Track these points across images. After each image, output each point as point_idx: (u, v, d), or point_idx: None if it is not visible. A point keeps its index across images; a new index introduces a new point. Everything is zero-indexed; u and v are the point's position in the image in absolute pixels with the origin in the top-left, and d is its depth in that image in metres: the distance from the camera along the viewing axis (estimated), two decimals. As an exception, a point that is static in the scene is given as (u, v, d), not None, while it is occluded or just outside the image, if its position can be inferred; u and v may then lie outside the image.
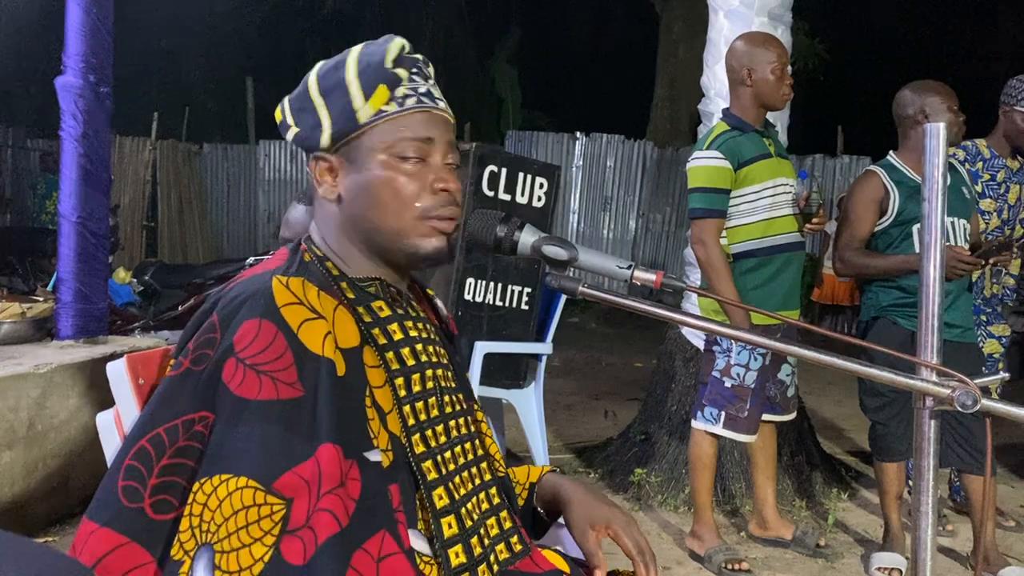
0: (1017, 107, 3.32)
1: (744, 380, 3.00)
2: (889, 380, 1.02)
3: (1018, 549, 3.37)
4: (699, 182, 2.97)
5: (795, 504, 3.72)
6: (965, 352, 3.04)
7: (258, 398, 0.98)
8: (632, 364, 7.25)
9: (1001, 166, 3.43)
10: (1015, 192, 3.45)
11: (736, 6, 3.82)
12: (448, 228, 1.15)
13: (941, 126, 1.04)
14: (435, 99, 1.17)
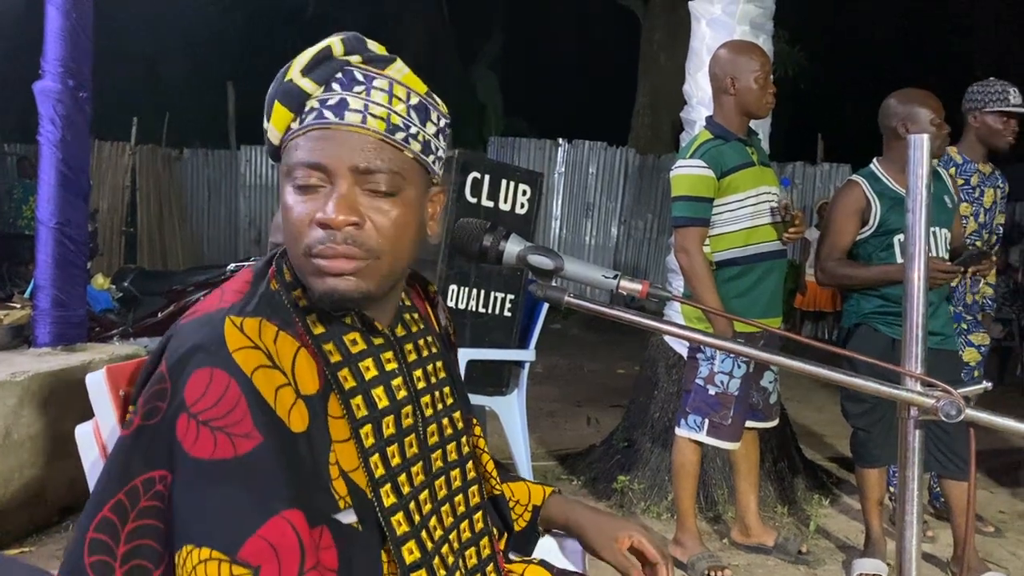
0: (986, 109, 3.44)
1: (728, 387, 3.00)
2: (874, 390, 1.03)
3: (997, 555, 3.40)
4: (682, 190, 2.97)
5: (777, 511, 3.73)
6: (945, 359, 3.07)
7: (213, 457, 0.91)
8: (615, 371, 7.26)
9: (974, 171, 3.50)
10: (990, 196, 3.52)
11: (718, 15, 3.84)
12: (336, 268, 0.98)
13: (925, 137, 1.05)
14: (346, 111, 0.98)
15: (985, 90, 3.49)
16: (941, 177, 3.17)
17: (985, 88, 3.50)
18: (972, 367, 3.58)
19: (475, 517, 1.18)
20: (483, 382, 3.70)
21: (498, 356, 3.73)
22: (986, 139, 3.48)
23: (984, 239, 3.54)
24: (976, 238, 3.51)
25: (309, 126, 0.98)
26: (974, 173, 3.50)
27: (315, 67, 1.00)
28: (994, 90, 3.48)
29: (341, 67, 1.00)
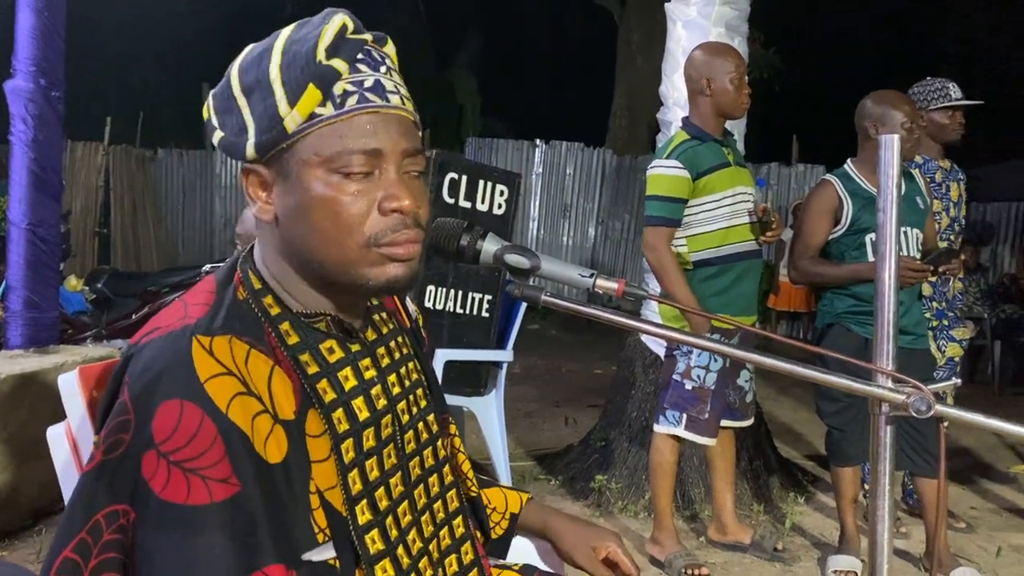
0: (932, 107, 3.56)
1: (704, 382, 3.03)
2: (846, 387, 1.04)
3: (969, 550, 3.44)
4: (656, 190, 3.00)
5: (753, 509, 3.76)
6: (919, 358, 3.11)
7: (188, 503, 0.84)
8: (593, 371, 7.28)
9: (936, 168, 3.58)
10: (955, 190, 3.62)
11: (694, 17, 3.87)
12: (406, 254, 0.96)
13: (895, 138, 1.06)
14: (387, 93, 0.95)
15: (926, 89, 3.61)
16: (914, 178, 3.22)
17: (926, 87, 3.62)
18: (955, 362, 3.64)
19: (455, 523, 1.15)
20: (461, 383, 3.70)
21: (476, 357, 3.73)
22: (937, 135, 3.58)
23: (956, 233, 3.61)
24: (950, 233, 3.58)
25: (355, 110, 0.93)
26: (937, 170, 3.58)
27: (339, 47, 0.94)
28: (935, 88, 3.60)
29: (360, 46, 0.95)
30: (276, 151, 0.94)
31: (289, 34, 0.97)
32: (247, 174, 0.98)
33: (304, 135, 0.93)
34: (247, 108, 0.95)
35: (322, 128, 0.92)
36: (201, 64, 14.14)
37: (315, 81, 0.92)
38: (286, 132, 0.93)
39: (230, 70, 0.99)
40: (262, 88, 0.94)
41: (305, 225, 0.94)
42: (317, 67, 0.92)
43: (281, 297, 0.99)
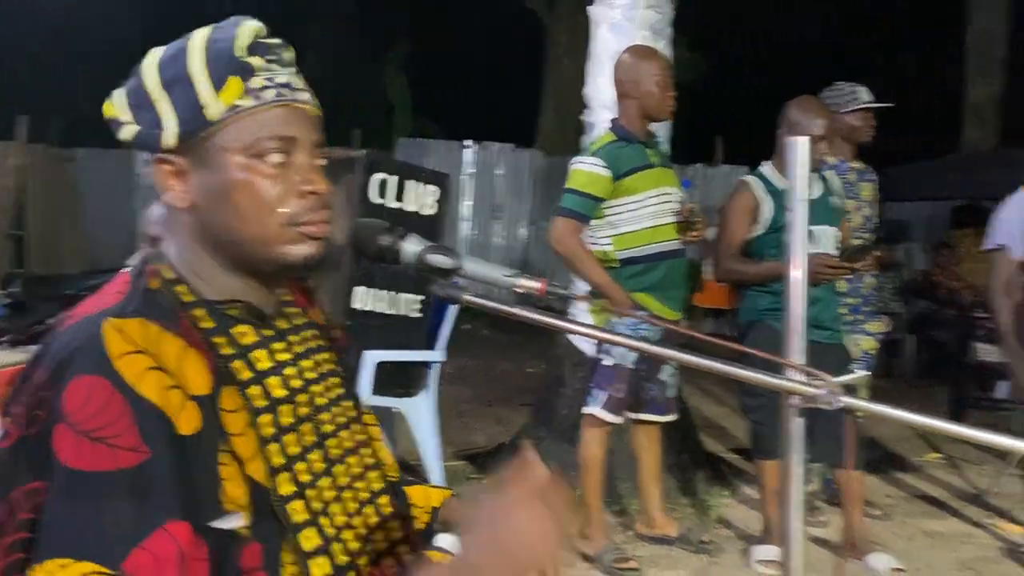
0: (845, 111, 3.70)
1: (624, 361, 3.11)
2: (758, 381, 1.08)
3: (884, 537, 3.58)
4: (574, 184, 3.09)
5: (680, 502, 3.84)
6: (835, 352, 3.23)
7: (93, 468, 0.87)
8: (525, 370, 7.32)
9: (849, 168, 3.72)
10: (867, 190, 3.77)
11: (618, 20, 3.94)
12: (320, 233, 1.05)
13: (804, 140, 1.11)
14: (296, 90, 1.05)
15: (838, 94, 3.76)
16: (828, 179, 3.34)
17: (837, 92, 3.77)
18: (870, 355, 3.79)
19: (380, 502, 1.17)
20: (392, 384, 3.69)
21: (407, 357, 3.72)
22: (851, 137, 3.74)
23: (869, 231, 3.76)
24: (863, 232, 3.72)
25: (273, 102, 1.02)
26: (850, 171, 3.73)
27: (256, 47, 1.04)
28: (846, 92, 3.76)
29: (271, 48, 1.05)
30: (196, 140, 1.02)
31: (207, 35, 1.05)
32: (160, 163, 1.04)
33: (225, 124, 1.01)
34: (166, 101, 1.02)
35: (242, 117, 1.01)
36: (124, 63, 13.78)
37: (236, 74, 1.01)
38: (208, 121, 1.01)
39: (142, 69, 1.06)
40: (183, 81, 1.02)
41: (226, 207, 1.02)
42: (238, 63, 1.02)
43: (194, 285, 1.04)
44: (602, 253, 3.16)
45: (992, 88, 9.97)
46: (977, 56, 10.07)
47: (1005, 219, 3.31)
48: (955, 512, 3.98)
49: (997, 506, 4.02)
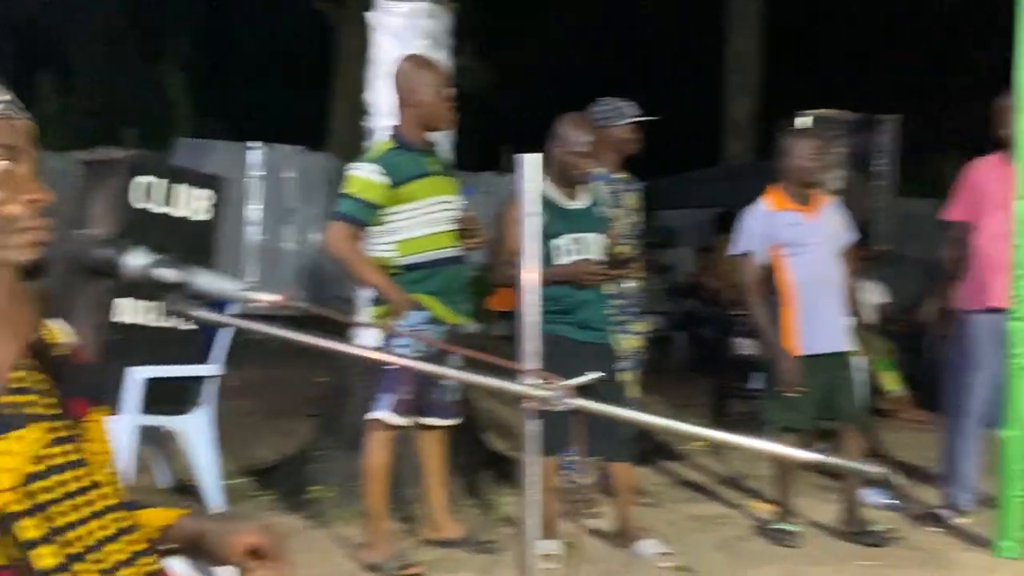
0: (615, 124, 3.91)
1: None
2: (493, 386, 1.12)
3: (653, 523, 3.82)
4: (350, 189, 3.10)
5: (466, 504, 3.91)
6: (604, 351, 3.42)
7: None
8: (314, 379, 7.15)
9: (614, 179, 3.97)
10: (631, 199, 4.01)
11: (398, 27, 3.95)
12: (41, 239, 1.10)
13: (534, 156, 1.16)
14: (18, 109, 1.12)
15: (606, 109, 3.99)
16: (597, 190, 3.53)
17: (605, 107, 3.99)
18: (638, 353, 4.03)
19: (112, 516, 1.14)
20: (163, 402, 3.51)
21: (179, 373, 3.54)
22: (620, 149, 3.97)
23: (634, 238, 4.00)
24: (629, 238, 3.96)
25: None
26: (615, 181, 3.96)
27: None
28: (613, 107, 3.99)
29: None
30: None
31: None
32: None
33: None
34: None
35: None
36: None
37: None
38: None
39: None
40: None
41: None
42: None
43: None
44: (383, 259, 3.18)
45: (748, 105, 10.95)
46: (735, 76, 11.03)
47: (748, 227, 3.64)
48: (715, 495, 4.32)
49: (751, 487, 4.41)
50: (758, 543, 3.65)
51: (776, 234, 3.58)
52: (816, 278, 3.57)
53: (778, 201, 3.64)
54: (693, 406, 6.68)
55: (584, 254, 3.31)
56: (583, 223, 3.36)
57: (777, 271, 3.60)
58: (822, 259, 3.59)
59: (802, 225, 3.58)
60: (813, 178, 3.63)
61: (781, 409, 3.64)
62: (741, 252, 3.65)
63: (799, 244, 3.57)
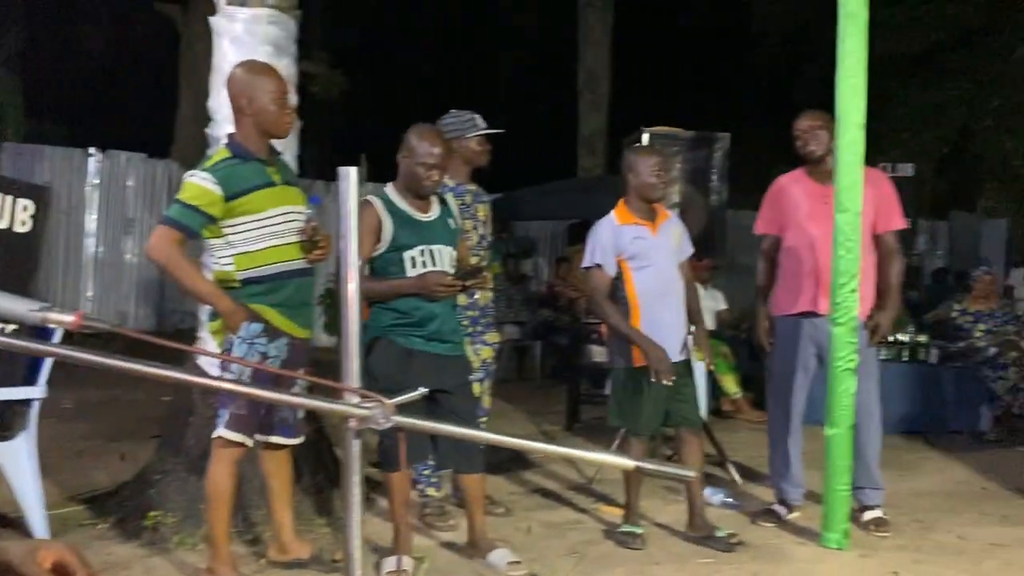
0: (466, 136, 3.94)
1: (242, 376, 3.03)
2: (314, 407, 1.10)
3: (506, 532, 3.86)
4: (182, 195, 2.98)
5: (316, 523, 3.81)
6: (456, 364, 3.42)
7: None
8: (159, 399, 6.80)
9: (465, 190, 3.98)
10: (482, 210, 4.05)
11: (240, 34, 3.83)
12: None
13: (353, 170, 1.15)
14: None
15: (459, 120, 4.01)
16: (447, 201, 3.53)
17: (458, 119, 4.01)
18: (489, 363, 4.05)
19: None
20: (-21, 427, 3.23)
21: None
22: (471, 161, 4.00)
23: (484, 249, 4.03)
24: (479, 250, 3.98)
25: None
26: (467, 193, 3.98)
27: None
28: (466, 119, 4.02)
29: None
30: None
31: None
32: None
33: None
34: None
35: None
36: None
37: None
38: None
39: None
40: None
41: None
42: None
43: None
44: (223, 273, 3.06)
45: (598, 120, 11.30)
46: (587, 92, 11.36)
47: (597, 240, 3.73)
48: (567, 502, 4.41)
49: (601, 492, 4.53)
50: (606, 546, 3.74)
51: (623, 247, 3.69)
52: (659, 290, 3.69)
53: (624, 215, 3.75)
54: (549, 413, 6.80)
55: (434, 266, 3.31)
56: (433, 235, 3.35)
57: (625, 283, 3.71)
58: (664, 272, 3.73)
59: (646, 239, 3.70)
60: (656, 193, 3.76)
61: (625, 415, 3.76)
62: (591, 264, 3.73)
63: (643, 257, 3.69)
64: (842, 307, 3.67)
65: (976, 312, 6.87)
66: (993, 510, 4.43)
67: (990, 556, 3.71)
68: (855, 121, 3.62)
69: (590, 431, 6.18)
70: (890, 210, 4.05)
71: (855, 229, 3.66)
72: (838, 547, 3.70)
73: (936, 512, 4.35)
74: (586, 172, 11.09)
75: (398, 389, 2.90)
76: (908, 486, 4.87)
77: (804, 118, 4.06)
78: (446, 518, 3.93)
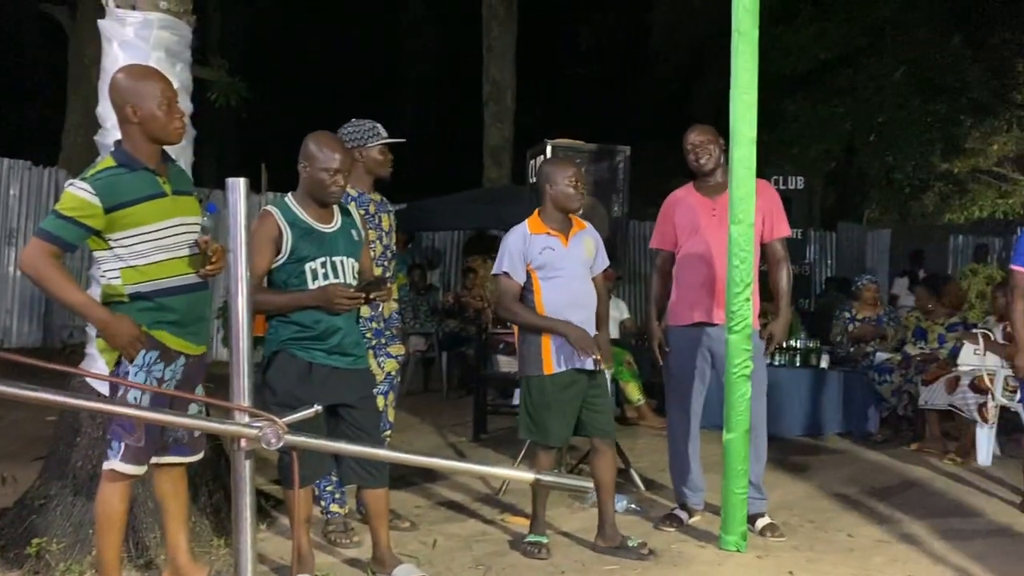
0: (368, 145, 3.90)
1: (140, 403, 2.90)
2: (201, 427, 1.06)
3: (411, 546, 3.82)
4: (61, 206, 2.83)
5: (214, 543, 3.69)
6: (359, 377, 3.36)
7: None
8: (44, 418, 6.46)
9: (369, 200, 3.94)
10: (386, 221, 4.00)
11: (130, 38, 3.69)
12: None
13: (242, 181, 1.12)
14: None
15: (360, 129, 3.96)
16: (350, 211, 3.47)
17: (359, 127, 3.96)
18: (393, 376, 4.00)
19: None
20: None
21: None
22: (372, 170, 3.95)
23: (388, 260, 3.99)
24: (383, 260, 3.94)
25: None
26: (370, 203, 3.93)
27: None
28: (368, 128, 3.97)
29: None
30: None
31: None
32: None
33: None
34: None
35: None
36: None
37: None
38: None
39: None
40: None
41: None
42: None
43: None
44: (110, 287, 2.92)
45: (504, 132, 11.38)
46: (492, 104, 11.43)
47: (509, 249, 3.71)
48: (473, 514, 4.39)
49: (507, 503, 4.53)
50: (513, 557, 3.74)
51: (531, 256, 3.69)
52: (567, 301, 3.70)
53: (537, 225, 3.75)
54: (456, 425, 6.77)
55: (336, 278, 3.24)
56: (336, 246, 3.28)
57: (533, 293, 3.71)
58: (573, 283, 3.73)
59: (556, 250, 3.71)
60: (574, 204, 3.76)
61: (535, 427, 3.75)
62: (500, 271, 3.73)
63: (551, 268, 3.69)
64: (737, 315, 3.79)
65: (863, 319, 7.20)
66: (880, 508, 4.64)
67: (877, 552, 3.88)
68: (748, 136, 3.75)
69: (497, 442, 6.18)
70: (777, 219, 4.21)
71: (748, 240, 3.79)
72: (736, 549, 3.81)
73: (828, 512, 4.53)
74: (492, 183, 11.13)
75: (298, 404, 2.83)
76: (802, 487, 5.05)
77: (693, 132, 4.18)
78: (350, 534, 3.86)
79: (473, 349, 7.42)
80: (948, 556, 3.83)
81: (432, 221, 9.57)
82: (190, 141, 4.03)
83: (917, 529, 4.23)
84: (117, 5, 3.77)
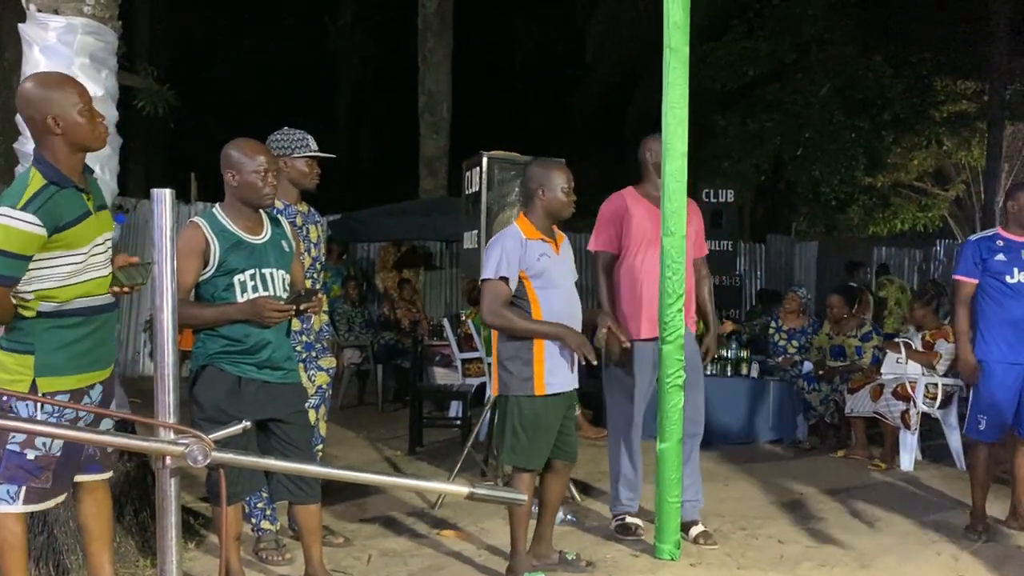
0: (295, 155, 3.86)
1: (51, 449, 2.74)
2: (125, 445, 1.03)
3: (346, 562, 3.77)
4: (4, 244, 2.60)
5: (140, 563, 3.58)
6: (290, 392, 3.28)
7: None
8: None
9: (295, 212, 3.87)
10: (314, 232, 3.95)
11: (53, 43, 3.59)
12: None
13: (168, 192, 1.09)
14: None
15: (288, 139, 3.90)
16: (280, 223, 3.40)
17: (287, 137, 3.91)
18: (324, 389, 3.94)
19: None
20: None
21: None
22: (297, 181, 3.89)
23: (318, 272, 3.93)
24: (313, 272, 3.88)
25: None
26: (297, 215, 3.87)
27: None
28: (297, 138, 3.91)
29: None
30: None
31: None
32: None
33: None
34: None
35: None
36: None
37: None
38: None
39: None
40: None
41: None
42: None
43: None
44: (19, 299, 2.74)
45: (439, 143, 11.37)
46: (428, 115, 11.42)
47: (504, 252, 3.51)
48: (407, 529, 4.34)
49: (441, 517, 4.50)
50: (447, 572, 3.71)
51: (529, 263, 3.53)
52: (565, 312, 3.57)
53: (530, 230, 3.59)
54: (392, 438, 6.71)
55: (266, 290, 3.17)
56: (265, 257, 3.21)
57: (530, 303, 3.55)
58: (568, 292, 3.64)
59: (551, 257, 3.58)
60: (567, 212, 3.65)
61: (523, 451, 3.53)
62: (496, 276, 3.51)
63: (547, 276, 3.55)
64: (670, 326, 3.84)
65: (789, 330, 7.39)
66: (809, 514, 4.75)
67: (806, 558, 3.97)
68: (679, 149, 3.82)
69: (433, 455, 6.15)
70: (702, 237, 4.47)
71: (681, 252, 3.85)
72: (671, 558, 3.85)
73: (759, 519, 4.62)
74: (427, 194, 11.10)
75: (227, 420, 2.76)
76: (734, 495, 5.14)
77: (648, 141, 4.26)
78: (282, 551, 3.79)
79: (409, 361, 7.36)
80: (874, 561, 3.94)
81: (366, 232, 9.49)
82: (116, 150, 3.93)
83: (844, 535, 4.33)
84: (39, 9, 3.65)
